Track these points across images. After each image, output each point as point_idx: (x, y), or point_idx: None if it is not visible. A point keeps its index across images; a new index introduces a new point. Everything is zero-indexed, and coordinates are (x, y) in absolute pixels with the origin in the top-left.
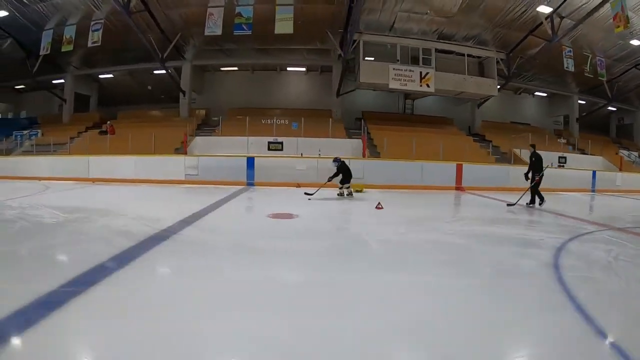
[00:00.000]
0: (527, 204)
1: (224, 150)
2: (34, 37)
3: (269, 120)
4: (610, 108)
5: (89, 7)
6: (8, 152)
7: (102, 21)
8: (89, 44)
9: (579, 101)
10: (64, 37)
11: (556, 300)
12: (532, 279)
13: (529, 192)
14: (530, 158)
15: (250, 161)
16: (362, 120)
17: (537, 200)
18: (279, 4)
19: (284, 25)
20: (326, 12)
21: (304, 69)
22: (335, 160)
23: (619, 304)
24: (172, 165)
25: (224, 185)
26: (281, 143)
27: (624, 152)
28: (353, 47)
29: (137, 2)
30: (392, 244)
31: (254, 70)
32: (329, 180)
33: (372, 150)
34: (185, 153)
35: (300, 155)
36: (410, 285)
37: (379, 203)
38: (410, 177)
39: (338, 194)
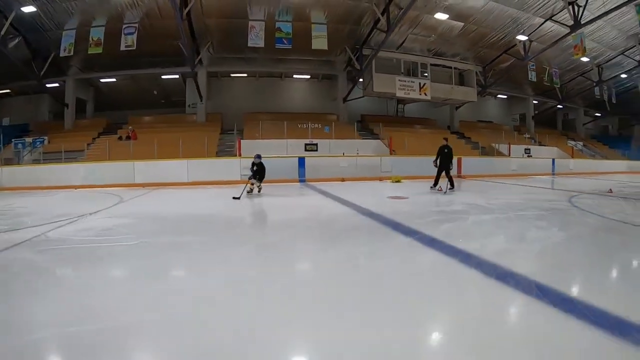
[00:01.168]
0: (449, 189)
1: (265, 152)
2: (44, 37)
3: (304, 125)
4: (558, 106)
5: (119, 9)
6: (9, 162)
7: (136, 25)
8: (122, 48)
9: (533, 101)
10: (91, 38)
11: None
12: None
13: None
14: (443, 149)
15: (302, 161)
16: (377, 123)
17: (448, 185)
18: (314, 22)
19: (319, 42)
20: (348, 31)
21: (308, 77)
22: (258, 156)
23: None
24: (224, 166)
25: (280, 182)
26: (316, 144)
27: (572, 143)
28: (367, 61)
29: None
30: (481, 207)
31: (259, 77)
32: (252, 178)
33: (385, 149)
34: (239, 155)
35: (342, 155)
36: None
37: (443, 190)
38: (426, 169)
39: (248, 191)
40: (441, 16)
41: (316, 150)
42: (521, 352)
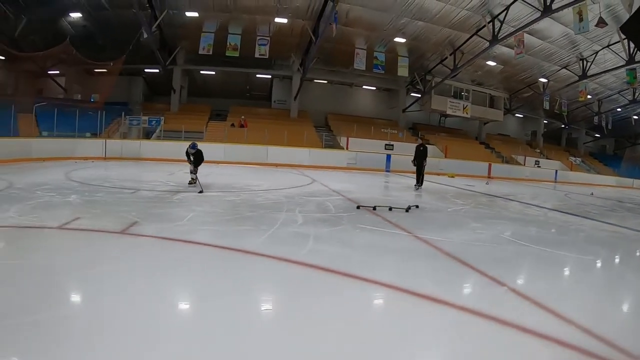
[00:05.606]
0: (416, 186)
1: (360, 148)
2: (177, 34)
3: (383, 130)
4: (563, 126)
5: (255, 21)
6: (125, 136)
7: (269, 37)
8: (256, 55)
9: (544, 121)
10: (229, 43)
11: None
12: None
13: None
14: (419, 148)
15: (389, 157)
16: (428, 131)
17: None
18: (400, 55)
19: (402, 69)
20: (419, 62)
21: (374, 88)
22: (194, 145)
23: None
24: (333, 156)
25: (373, 171)
26: (392, 145)
27: (572, 158)
28: (428, 86)
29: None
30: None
31: (334, 84)
32: (195, 166)
33: (439, 153)
34: (347, 148)
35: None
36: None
37: (488, 181)
38: (469, 170)
39: (190, 183)
40: (490, 63)
41: (392, 149)
42: None
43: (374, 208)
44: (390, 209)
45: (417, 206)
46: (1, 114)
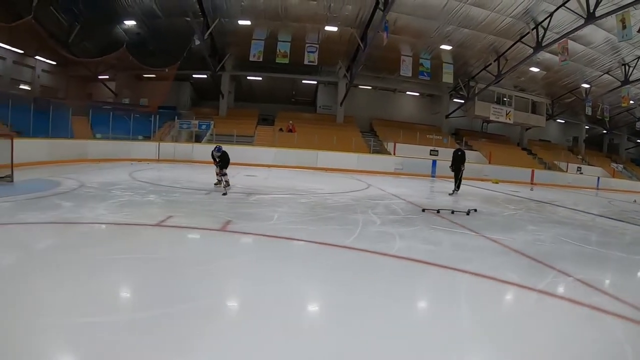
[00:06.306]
0: (453, 191)
1: (407, 153)
2: (227, 41)
3: (428, 135)
4: (604, 132)
5: (305, 29)
6: (175, 139)
7: (317, 45)
8: (305, 62)
9: (585, 127)
10: (278, 50)
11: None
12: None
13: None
14: (457, 153)
15: (434, 162)
16: (472, 137)
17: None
18: (445, 62)
19: (447, 76)
20: (463, 68)
21: (417, 94)
22: (218, 148)
23: None
24: (381, 161)
25: (419, 176)
26: (437, 151)
27: (614, 165)
28: (472, 92)
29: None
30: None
31: (377, 89)
32: (221, 168)
33: (483, 158)
34: (394, 153)
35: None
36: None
37: (532, 188)
38: (511, 176)
39: (215, 184)
40: (533, 69)
41: (437, 154)
42: None
43: (438, 211)
44: (453, 212)
45: (475, 210)
46: (57, 117)
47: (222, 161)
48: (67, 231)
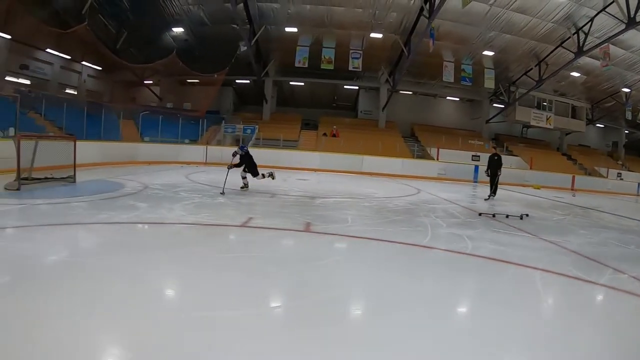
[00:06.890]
0: (489, 196)
1: (448, 159)
2: (271, 47)
3: (470, 141)
4: None
5: (349, 36)
6: (220, 142)
7: (361, 51)
8: (350, 68)
9: (625, 131)
10: (323, 57)
11: None
12: None
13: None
14: (493, 158)
15: (476, 168)
16: (512, 142)
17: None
18: (487, 67)
19: (489, 81)
20: (504, 74)
21: (457, 99)
22: (242, 147)
23: None
24: (424, 166)
25: (461, 181)
26: (479, 156)
27: None
28: (513, 97)
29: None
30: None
31: (418, 95)
32: (244, 171)
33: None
34: (437, 159)
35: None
36: None
37: (574, 194)
38: (552, 181)
39: (242, 188)
40: (574, 73)
41: (479, 160)
42: None
43: (493, 215)
44: (507, 216)
45: (527, 214)
46: (107, 120)
47: (247, 165)
48: (159, 231)
